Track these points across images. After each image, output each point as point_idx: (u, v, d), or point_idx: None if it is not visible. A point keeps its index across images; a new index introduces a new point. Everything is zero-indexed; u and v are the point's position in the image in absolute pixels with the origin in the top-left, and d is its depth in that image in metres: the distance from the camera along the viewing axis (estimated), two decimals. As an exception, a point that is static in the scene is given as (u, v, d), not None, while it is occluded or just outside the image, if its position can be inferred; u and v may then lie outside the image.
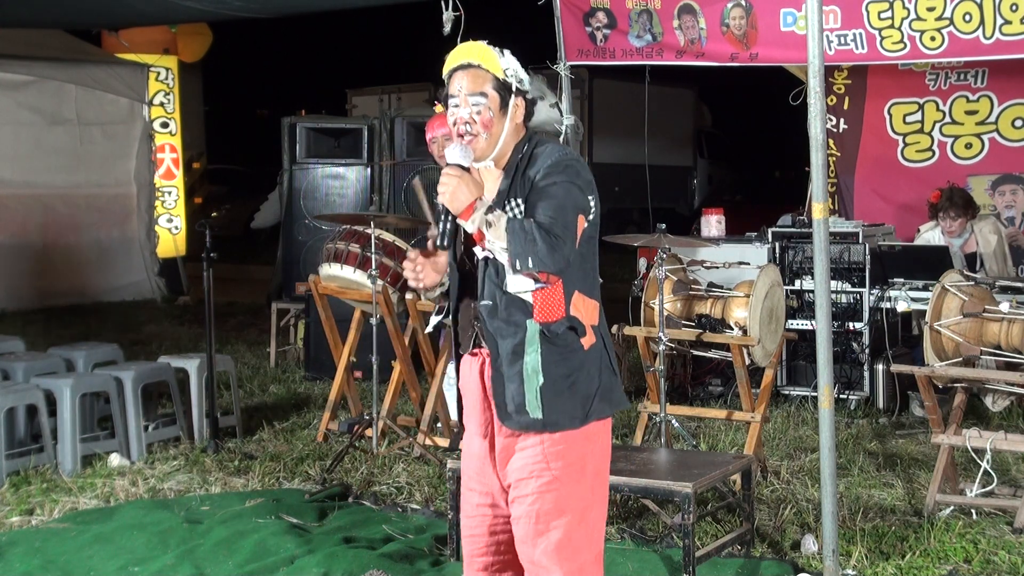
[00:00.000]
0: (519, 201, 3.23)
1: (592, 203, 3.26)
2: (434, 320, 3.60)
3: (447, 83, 3.34)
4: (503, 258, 3.14)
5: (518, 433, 3.26)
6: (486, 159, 3.30)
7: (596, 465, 3.31)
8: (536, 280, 3.20)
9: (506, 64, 3.30)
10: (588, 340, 3.27)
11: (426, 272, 3.39)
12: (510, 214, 3.20)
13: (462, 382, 3.40)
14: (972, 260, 7.51)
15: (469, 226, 3.16)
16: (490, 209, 3.16)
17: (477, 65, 3.28)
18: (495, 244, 3.13)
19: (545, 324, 3.21)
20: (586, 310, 3.28)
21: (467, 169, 3.23)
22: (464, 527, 3.43)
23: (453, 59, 3.33)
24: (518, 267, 3.12)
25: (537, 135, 3.37)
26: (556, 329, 3.21)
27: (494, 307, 3.23)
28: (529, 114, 3.34)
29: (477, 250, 3.26)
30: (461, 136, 3.28)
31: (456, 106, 3.29)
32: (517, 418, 3.23)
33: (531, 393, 3.20)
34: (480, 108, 3.26)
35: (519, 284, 3.21)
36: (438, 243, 3.28)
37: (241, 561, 4.88)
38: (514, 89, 3.30)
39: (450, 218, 3.23)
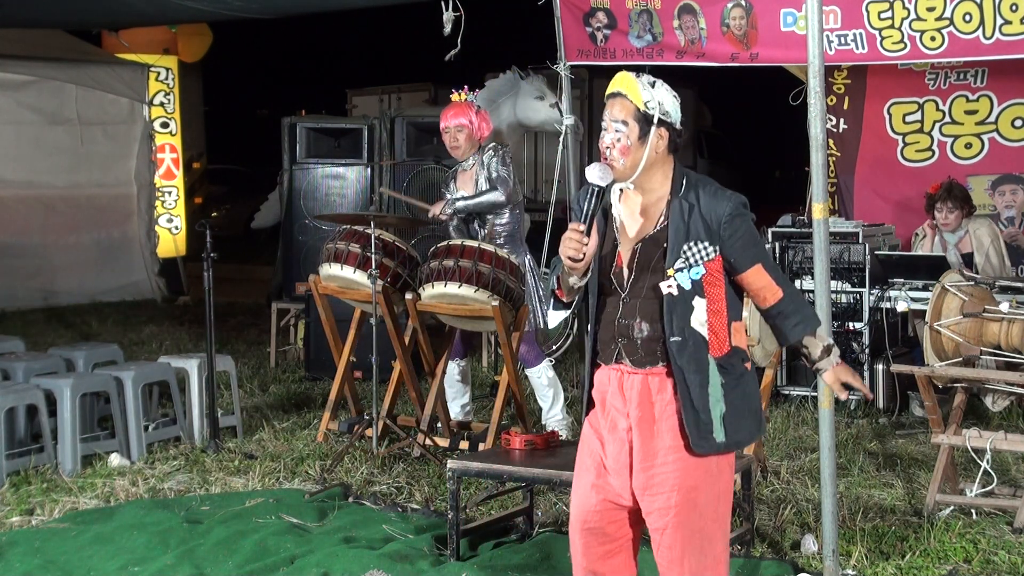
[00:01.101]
0: (704, 244, 3.44)
1: None
2: (559, 316, 3.68)
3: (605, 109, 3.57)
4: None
5: (663, 444, 3.47)
6: (625, 181, 3.50)
7: (729, 473, 3.60)
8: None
9: (648, 96, 3.48)
10: (748, 364, 3.58)
11: (589, 247, 3.45)
12: (693, 255, 3.43)
13: (599, 388, 3.61)
14: (968, 260, 7.51)
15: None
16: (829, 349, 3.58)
17: (623, 95, 3.48)
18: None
19: (719, 357, 3.48)
20: (742, 337, 3.57)
21: (606, 188, 3.43)
22: (586, 520, 3.59)
23: (609, 88, 3.55)
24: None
25: (691, 172, 3.56)
26: (730, 360, 3.50)
27: (683, 343, 3.45)
28: (674, 145, 3.52)
29: (663, 286, 3.45)
30: (603, 159, 3.49)
31: (604, 131, 3.50)
32: (704, 444, 3.46)
33: (716, 420, 3.46)
34: (620, 136, 3.45)
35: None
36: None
37: (241, 561, 4.88)
38: (655, 120, 3.46)
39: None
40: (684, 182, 3.50)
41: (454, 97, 6.83)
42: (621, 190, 3.54)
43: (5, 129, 12.34)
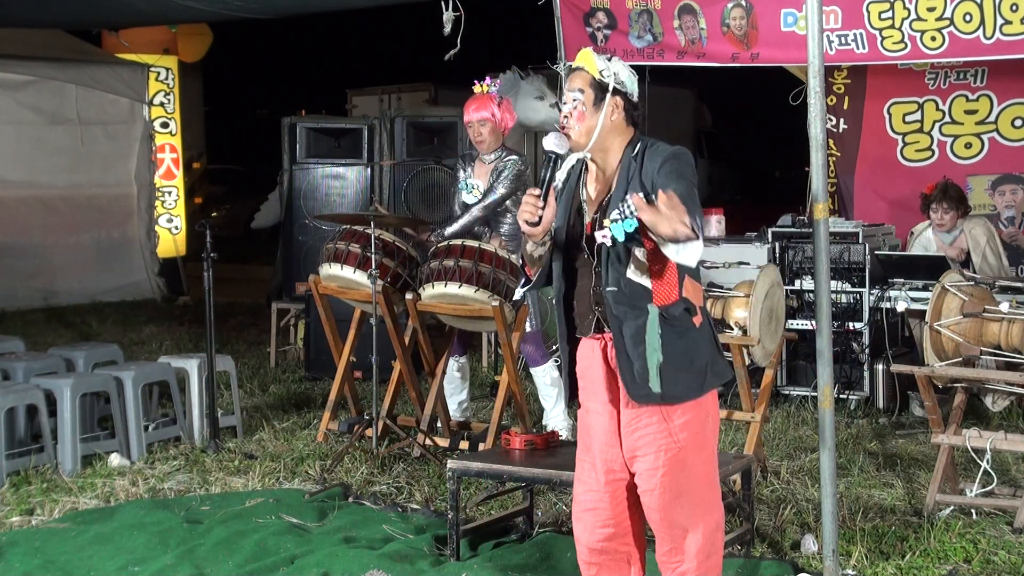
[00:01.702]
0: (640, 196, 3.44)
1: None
2: (520, 292, 3.80)
3: None
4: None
5: (642, 409, 3.53)
6: (581, 149, 3.62)
7: (711, 431, 3.65)
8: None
9: (603, 66, 3.62)
10: (698, 319, 3.58)
11: (546, 213, 3.55)
12: (629, 206, 3.42)
13: (582, 364, 3.70)
14: (966, 259, 7.51)
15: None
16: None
17: (579, 67, 3.66)
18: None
19: (663, 307, 3.48)
20: (695, 292, 3.59)
21: (561, 157, 3.56)
22: (584, 502, 3.72)
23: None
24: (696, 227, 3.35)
25: (648, 139, 3.63)
26: (673, 311, 3.52)
27: (620, 293, 3.50)
28: (631, 117, 3.64)
29: (597, 235, 3.50)
30: (562, 129, 3.63)
31: (563, 103, 3.67)
32: (638, 393, 3.52)
33: (652, 370, 3.49)
34: (576, 103, 3.61)
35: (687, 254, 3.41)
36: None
37: (241, 561, 4.88)
38: (611, 88, 3.60)
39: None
40: (636, 146, 3.60)
41: (476, 89, 6.78)
42: (585, 164, 3.65)
43: (5, 129, 12.35)
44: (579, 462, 3.77)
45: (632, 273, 3.50)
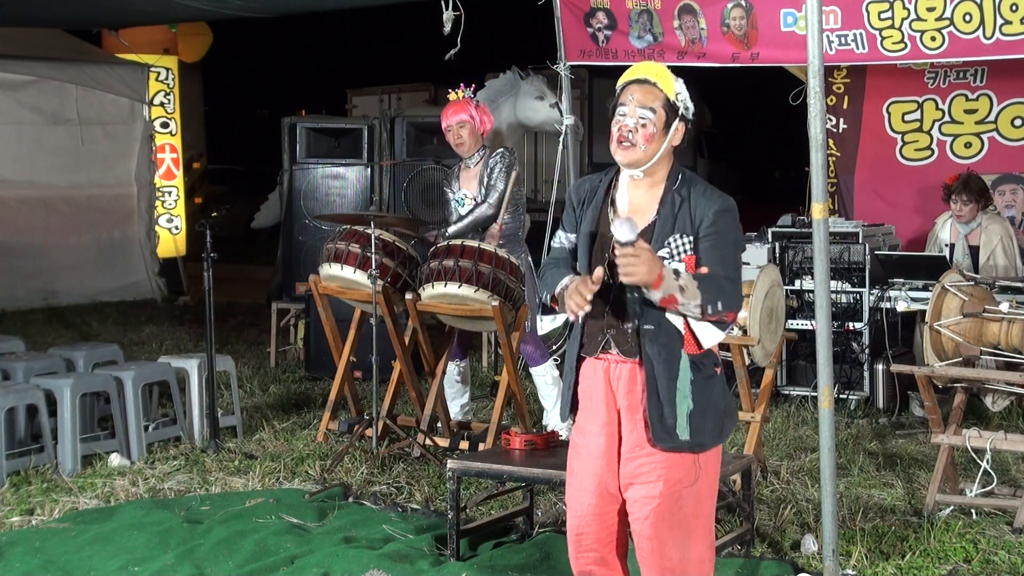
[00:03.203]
0: (688, 239, 3.43)
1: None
2: (551, 324, 3.75)
3: (619, 94, 3.51)
4: (694, 312, 3.36)
5: (645, 439, 3.47)
6: (636, 168, 3.49)
7: (713, 472, 3.58)
8: (724, 325, 3.43)
9: (679, 88, 3.51)
10: (719, 368, 3.56)
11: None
12: (675, 248, 3.41)
13: (585, 383, 3.60)
14: (976, 252, 7.51)
15: (657, 295, 3.31)
16: (676, 274, 3.34)
17: (653, 83, 3.48)
18: (688, 304, 3.34)
19: (693, 355, 3.45)
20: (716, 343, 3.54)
21: (634, 242, 3.30)
22: (575, 525, 3.62)
23: (631, 73, 3.53)
24: (710, 311, 3.34)
25: (687, 171, 3.54)
26: (702, 359, 3.47)
27: (657, 332, 3.43)
28: (685, 142, 3.53)
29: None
30: (620, 142, 3.46)
31: (623, 115, 3.47)
32: (666, 438, 3.45)
33: (682, 417, 3.44)
34: (646, 121, 3.45)
35: (707, 335, 3.44)
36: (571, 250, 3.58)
37: (241, 561, 4.88)
38: (680, 113, 3.49)
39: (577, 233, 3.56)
40: (680, 177, 3.52)
41: (451, 96, 6.86)
42: (630, 176, 3.54)
43: (5, 129, 12.34)
44: (568, 485, 3.66)
45: (671, 315, 3.42)
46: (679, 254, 3.43)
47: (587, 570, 3.63)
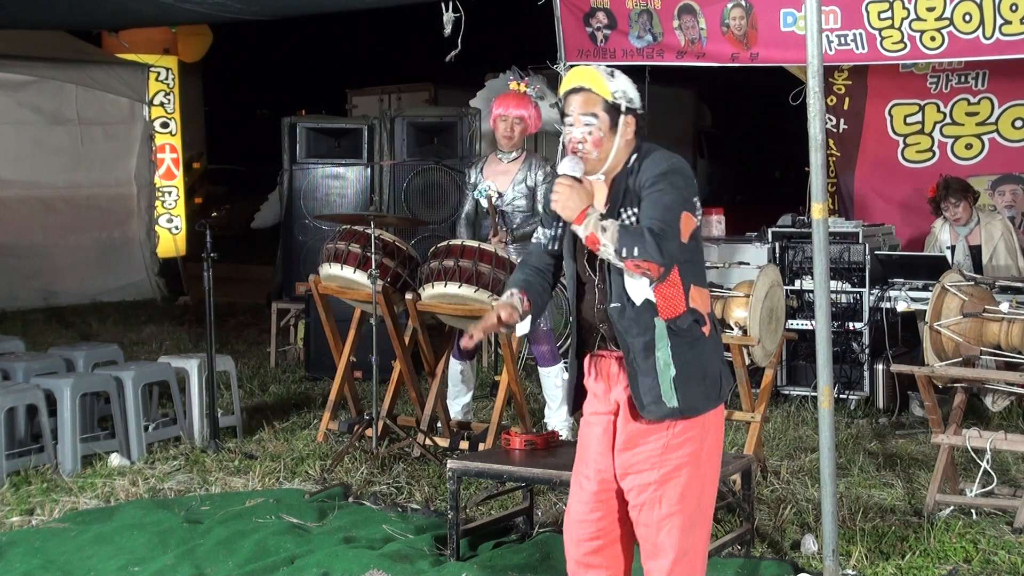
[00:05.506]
0: (634, 211, 3.46)
1: (696, 202, 3.50)
2: (525, 328, 3.79)
3: (563, 106, 3.61)
4: (614, 258, 3.38)
5: (645, 424, 3.50)
6: (596, 173, 3.56)
7: (711, 447, 3.58)
8: (649, 279, 3.41)
9: (615, 87, 3.54)
10: (707, 328, 3.55)
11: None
12: (626, 222, 3.43)
13: (588, 378, 3.67)
14: (977, 252, 7.51)
15: (581, 231, 3.40)
16: (603, 217, 3.41)
17: (588, 88, 3.54)
18: (608, 247, 3.36)
19: (671, 320, 3.46)
20: (702, 300, 3.55)
21: (578, 180, 3.46)
22: (573, 513, 3.68)
23: (566, 82, 3.60)
24: (624, 255, 3.34)
25: (647, 145, 3.57)
26: (681, 324, 3.48)
27: (623, 308, 3.47)
28: (640, 128, 3.56)
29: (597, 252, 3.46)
30: (574, 153, 3.54)
31: (571, 125, 3.55)
32: (655, 409, 3.47)
33: (666, 384, 3.45)
34: (591, 128, 3.52)
35: (638, 290, 3.44)
36: (549, 247, 3.63)
37: (241, 561, 4.88)
38: (623, 109, 3.53)
39: (560, 223, 3.54)
40: (635, 156, 3.55)
41: (513, 86, 6.73)
42: (594, 180, 3.58)
43: (5, 129, 12.35)
44: (574, 475, 3.73)
45: (631, 286, 3.45)
46: (631, 225, 3.44)
47: (584, 560, 3.66)
